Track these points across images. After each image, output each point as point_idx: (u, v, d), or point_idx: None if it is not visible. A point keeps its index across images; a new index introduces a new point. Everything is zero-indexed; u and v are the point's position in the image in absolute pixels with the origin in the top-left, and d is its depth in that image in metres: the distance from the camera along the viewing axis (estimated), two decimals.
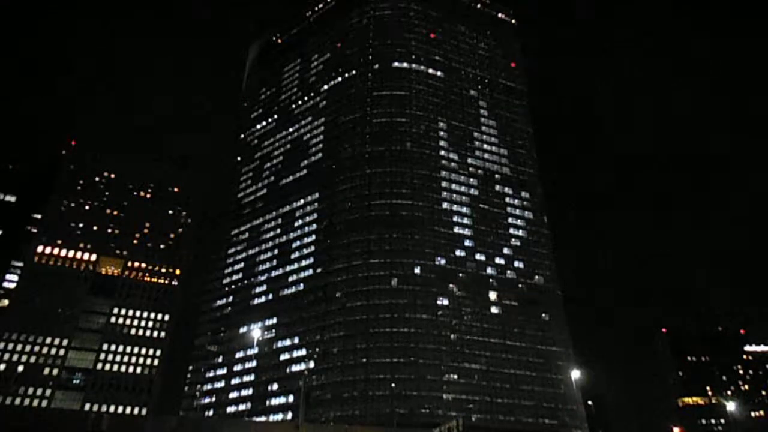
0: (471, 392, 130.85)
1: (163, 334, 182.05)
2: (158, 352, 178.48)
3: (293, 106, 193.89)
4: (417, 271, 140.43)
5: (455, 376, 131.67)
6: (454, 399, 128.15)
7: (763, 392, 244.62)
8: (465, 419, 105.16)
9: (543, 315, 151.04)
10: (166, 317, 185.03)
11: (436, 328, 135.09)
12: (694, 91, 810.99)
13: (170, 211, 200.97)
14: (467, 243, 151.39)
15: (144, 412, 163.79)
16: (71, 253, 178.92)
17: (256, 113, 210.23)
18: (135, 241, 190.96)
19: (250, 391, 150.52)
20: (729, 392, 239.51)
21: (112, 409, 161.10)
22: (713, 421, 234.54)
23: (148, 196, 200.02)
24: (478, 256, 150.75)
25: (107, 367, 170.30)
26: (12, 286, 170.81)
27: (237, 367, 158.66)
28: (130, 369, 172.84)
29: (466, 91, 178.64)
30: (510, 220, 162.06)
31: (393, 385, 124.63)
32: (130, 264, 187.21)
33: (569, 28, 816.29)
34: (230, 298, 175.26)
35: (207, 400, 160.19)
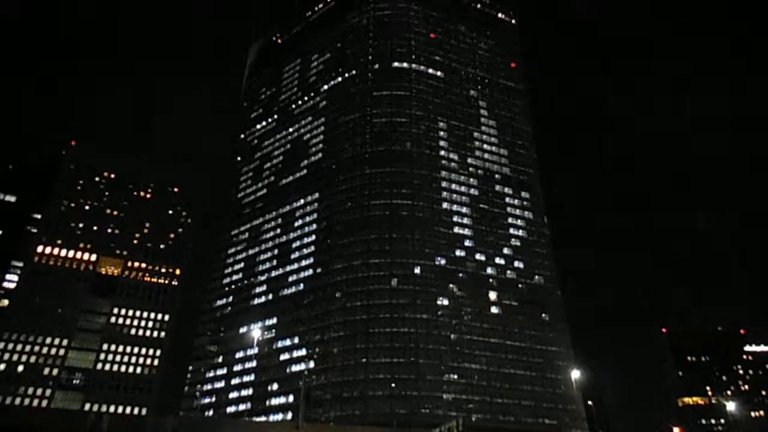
0: (471, 392, 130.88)
1: (163, 334, 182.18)
2: (158, 352, 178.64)
3: (293, 106, 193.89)
4: (417, 271, 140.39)
5: (455, 376, 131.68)
6: (454, 399, 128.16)
7: (763, 392, 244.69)
8: (465, 419, 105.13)
9: (543, 315, 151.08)
10: (166, 317, 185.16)
11: (436, 328, 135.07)
12: (695, 90, 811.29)
13: (170, 211, 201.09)
14: (467, 243, 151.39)
15: (144, 412, 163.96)
16: (71, 253, 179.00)
17: (256, 113, 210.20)
18: (135, 241, 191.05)
19: (250, 391, 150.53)
20: (729, 392, 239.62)
21: (112, 409, 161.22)
22: (713, 421, 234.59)
23: (148, 196, 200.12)
24: (478, 256, 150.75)
25: (107, 367, 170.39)
26: (12, 286, 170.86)
27: (237, 367, 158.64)
28: (130, 369, 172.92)
29: (466, 91, 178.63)
30: (510, 220, 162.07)
31: (393, 385, 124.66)
32: (130, 264, 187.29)
33: (569, 28, 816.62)
34: (230, 298, 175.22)
35: (207, 400, 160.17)
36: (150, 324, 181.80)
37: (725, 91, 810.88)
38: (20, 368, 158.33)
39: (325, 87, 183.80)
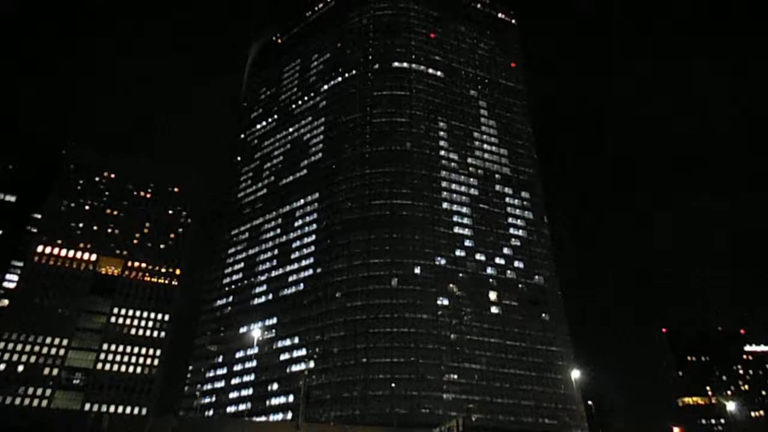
0: (471, 392, 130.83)
1: (163, 334, 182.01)
2: (158, 352, 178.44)
3: (293, 106, 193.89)
4: (417, 271, 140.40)
5: (455, 376, 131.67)
6: (454, 399, 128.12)
7: (763, 392, 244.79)
8: (465, 419, 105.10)
9: (543, 315, 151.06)
10: (166, 317, 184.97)
11: (436, 328, 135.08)
12: (695, 90, 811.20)
13: (170, 211, 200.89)
14: (467, 243, 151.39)
15: (144, 412, 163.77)
16: (71, 253, 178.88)
17: (256, 113, 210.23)
18: (135, 241, 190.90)
19: (250, 391, 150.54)
20: (729, 392, 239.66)
21: (112, 409, 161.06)
22: (713, 421, 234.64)
23: (148, 196, 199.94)
24: (478, 256, 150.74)
25: (107, 367, 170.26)
26: (12, 286, 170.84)
27: (237, 367, 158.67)
28: (130, 369, 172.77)
29: (466, 91, 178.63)
30: (510, 220, 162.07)
31: (393, 385, 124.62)
32: (130, 264, 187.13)
33: (569, 28, 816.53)
34: (230, 298, 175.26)
35: (207, 400, 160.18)
36: (150, 324, 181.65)
37: (727, 92, 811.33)
38: (20, 368, 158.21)
39: (325, 87, 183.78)
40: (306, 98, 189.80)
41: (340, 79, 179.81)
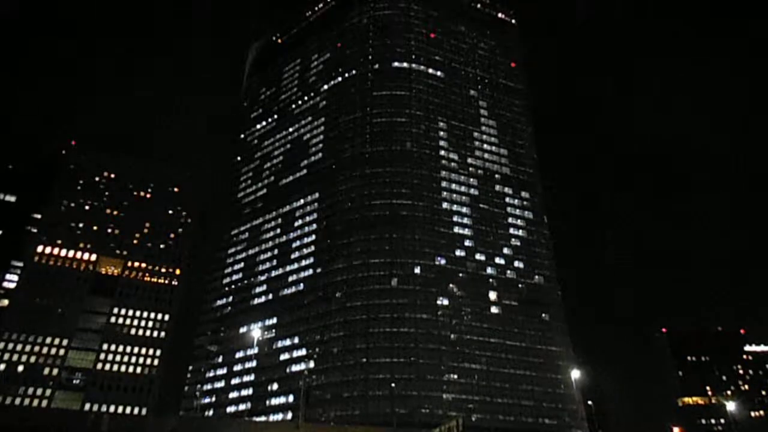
0: (471, 392, 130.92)
1: (163, 334, 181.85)
2: (158, 352, 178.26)
3: (293, 106, 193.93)
4: (417, 271, 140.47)
5: (455, 376, 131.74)
6: (454, 399, 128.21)
7: (763, 392, 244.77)
8: (465, 419, 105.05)
9: (543, 315, 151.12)
10: (166, 317, 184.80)
11: (436, 328, 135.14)
12: (695, 90, 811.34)
13: (170, 211, 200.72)
14: (467, 243, 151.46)
15: (144, 412, 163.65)
16: (71, 253, 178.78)
17: (256, 113, 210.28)
18: (135, 241, 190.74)
19: (250, 391, 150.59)
20: (729, 392, 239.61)
21: (112, 409, 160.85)
22: (713, 421, 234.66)
23: (148, 196, 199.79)
24: (478, 256, 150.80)
25: (107, 367, 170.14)
26: (12, 286, 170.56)
27: (237, 367, 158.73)
28: (130, 369, 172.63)
29: (466, 91, 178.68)
30: (510, 220, 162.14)
31: (393, 385, 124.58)
32: (130, 264, 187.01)
33: (569, 28, 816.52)
34: (230, 298, 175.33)
35: (207, 400, 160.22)
36: (150, 324, 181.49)
37: (726, 91, 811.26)
38: (20, 368, 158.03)
39: (325, 87, 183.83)
40: (306, 98, 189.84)
41: (340, 79, 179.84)
